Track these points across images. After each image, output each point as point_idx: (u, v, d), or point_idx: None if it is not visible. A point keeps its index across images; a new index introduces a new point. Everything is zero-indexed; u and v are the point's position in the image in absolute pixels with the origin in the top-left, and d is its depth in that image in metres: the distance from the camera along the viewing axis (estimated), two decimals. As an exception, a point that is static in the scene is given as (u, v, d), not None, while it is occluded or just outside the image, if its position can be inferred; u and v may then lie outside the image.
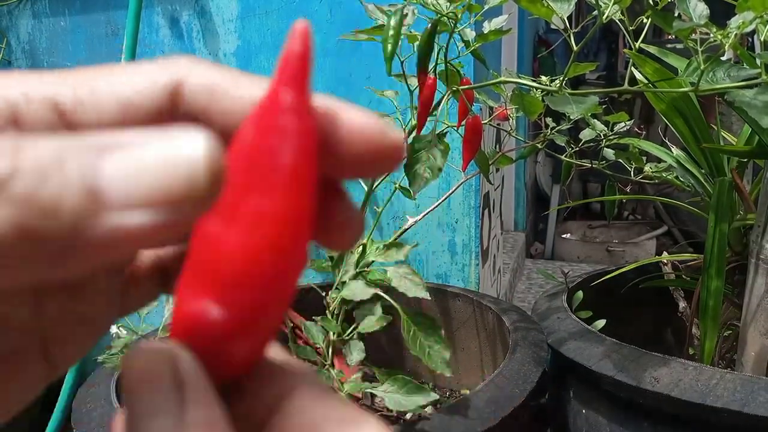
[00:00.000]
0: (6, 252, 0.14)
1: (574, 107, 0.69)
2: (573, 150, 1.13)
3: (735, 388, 0.77)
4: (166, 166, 0.15)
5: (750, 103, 0.67)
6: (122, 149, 0.15)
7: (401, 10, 0.75)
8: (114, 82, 0.20)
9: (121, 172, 0.15)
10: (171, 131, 0.16)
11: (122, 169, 0.15)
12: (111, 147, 0.15)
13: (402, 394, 0.81)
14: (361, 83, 1.44)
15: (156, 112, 0.20)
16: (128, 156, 0.15)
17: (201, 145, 0.15)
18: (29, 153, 0.14)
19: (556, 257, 3.04)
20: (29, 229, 0.14)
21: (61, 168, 0.14)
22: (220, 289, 0.18)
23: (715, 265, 0.96)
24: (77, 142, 0.15)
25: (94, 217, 0.14)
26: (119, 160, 0.15)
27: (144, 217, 0.15)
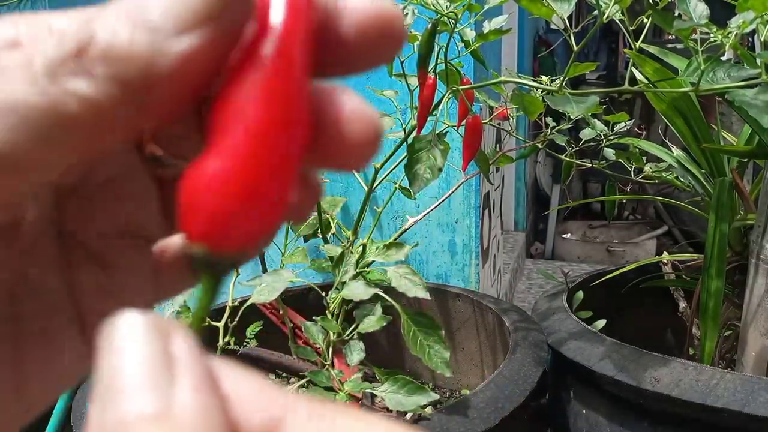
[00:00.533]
0: (109, 104, 0.16)
1: (575, 107, 0.69)
2: (573, 150, 1.13)
3: (735, 388, 0.77)
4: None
5: (750, 102, 0.67)
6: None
7: (401, 10, 0.75)
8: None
9: (165, 7, 0.16)
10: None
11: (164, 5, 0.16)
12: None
13: (402, 394, 0.81)
14: (361, 83, 1.44)
15: None
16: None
17: None
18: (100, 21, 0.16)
19: (557, 257, 3.04)
20: (118, 78, 0.16)
21: (126, 23, 0.16)
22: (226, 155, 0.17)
23: (716, 265, 0.96)
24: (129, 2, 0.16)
25: (161, 52, 0.16)
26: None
27: (195, 37, 0.16)
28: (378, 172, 0.90)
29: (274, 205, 0.18)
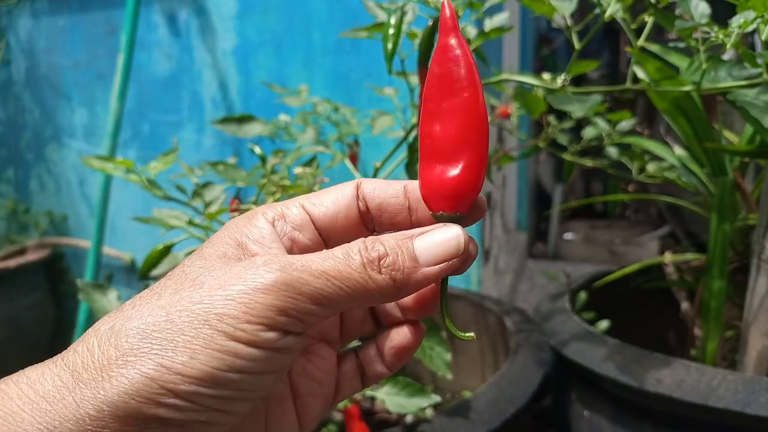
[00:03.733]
0: (383, 295, 0.31)
1: (577, 106, 0.68)
2: (575, 149, 1.12)
3: (737, 388, 0.77)
4: (448, 242, 0.32)
5: (752, 102, 0.67)
6: (421, 236, 0.32)
7: (401, 8, 0.74)
8: (326, 192, 0.35)
9: (424, 247, 0.32)
10: (443, 226, 0.32)
11: (425, 246, 0.32)
12: (413, 235, 0.32)
13: (403, 396, 0.80)
14: (361, 81, 1.43)
15: (351, 201, 0.35)
16: (425, 239, 0.32)
17: (460, 231, 0.32)
18: (386, 243, 0.31)
19: (559, 257, 3.04)
20: (394, 278, 0.31)
21: (400, 249, 0.31)
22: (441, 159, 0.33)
23: (718, 266, 0.96)
24: (399, 236, 0.32)
25: (415, 272, 0.31)
26: (422, 240, 0.32)
27: (437, 268, 0.32)
28: (378, 171, 0.89)
29: (476, 190, 0.34)
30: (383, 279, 0.30)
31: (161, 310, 0.28)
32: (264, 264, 0.29)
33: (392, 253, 0.31)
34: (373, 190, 0.35)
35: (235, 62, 1.57)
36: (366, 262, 0.30)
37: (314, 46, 1.47)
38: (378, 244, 0.31)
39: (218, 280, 0.29)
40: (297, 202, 0.34)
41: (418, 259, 0.31)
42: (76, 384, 0.27)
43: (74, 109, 1.84)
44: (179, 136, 1.67)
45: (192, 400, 0.27)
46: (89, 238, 1.57)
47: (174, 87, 1.66)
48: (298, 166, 0.90)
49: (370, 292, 0.30)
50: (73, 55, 1.80)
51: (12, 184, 2.02)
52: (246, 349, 0.28)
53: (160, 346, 0.27)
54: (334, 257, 0.30)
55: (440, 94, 0.33)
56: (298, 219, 0.34)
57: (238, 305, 0.28)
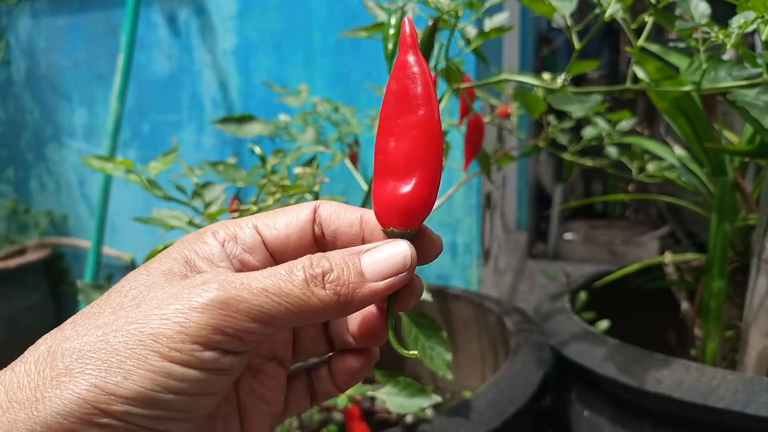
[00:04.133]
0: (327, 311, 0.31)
1: (577, 106, 0.68)
2: (575, 148, 1.12)
3: (737, 388, 0.77)
4: (394, 258, 0.32)
5: (752, 102, 0.67)
6: (368, 252, 0.32)
7: (401, 8, 0.74)
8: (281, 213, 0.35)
9: (371, 262, 0.32)
10: (390, 242, 0.33)
11: (371, 261, 0.32)
12: (361, 251, 0.32)
13: (404, 397, 0.80)
14: (360, 81, 1.43)
15: (306, 225, 0.34)
16: (373, 254, 0.32)
17: (407, 246, 0.32)
18: (332, 259, 0.31)
19: (559, 257, 3.04)
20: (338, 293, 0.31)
21: (345, 265, 0.31)
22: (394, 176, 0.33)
23: (718, 266, 0.96)
24: (346, 252, 0.32)
25: (361, 287, 0.31)
26: (369, 256, 0.32)
27: (384, 283, 0.32)
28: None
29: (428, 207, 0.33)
30: (326, 294, 0.30)
31: (98, 329, 0.28)
32: (203, 282, 0.29)
33: (337, 268, 0.31)
34: (329, 216, 0.34)
35: (235, 62, 1.57)
36: (309, 277, 0.30)
37: (314, 46, 1.47)
38: (323, 260, 0.31)
39: (156, 300, 0.29)
40: (250, 223, 0.34)
41: (364, 275, 0.31)
42: (10, 404, 0.27)
43: (74, 109, 1.84)
44: (179, 136, 1.67)
45: (125, 420, 0.27)
46: (89, 238, 1.57)
47: (174, 87, 1.66)
48: (298, 166, 0.90)
49: (313, 308, 0.30)
50: (73, 55, 1.80)
51: (12, 184, 2.02)
52: (180, 369, 0.28)
53: (94, 366, 0.27)
54: (276, 274, 0.30)
55: (396, 110, 0.33)
56: (249, 240, 0.34)
57: (172, 324, 0.28)
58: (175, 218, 0.82)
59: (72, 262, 1.99)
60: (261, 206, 0.81)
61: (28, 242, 1.93)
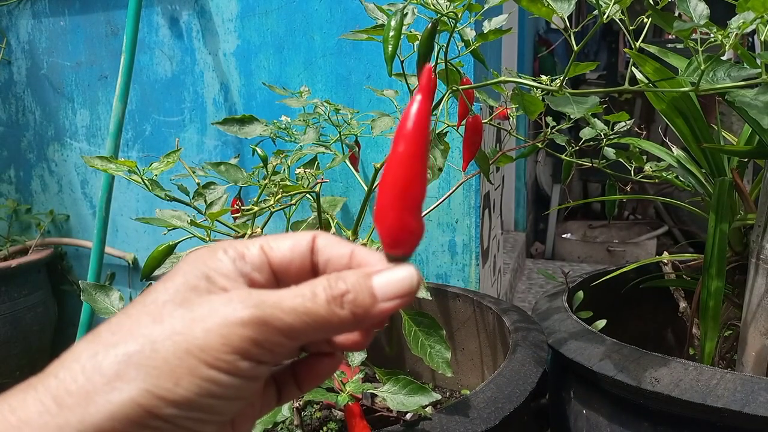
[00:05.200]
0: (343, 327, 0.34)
1: (575, 107, 0.69)
2: (573, 149, 1.13)
3: (735, 388, 0.77)
4: (403, 280, 0.35)
5: (750, 103, 0.67)
6: (379, 274, 0.35)
7: (401, 10, 0.75)
8: (284, 238, 0.37)
9: (382, 285, 0.34)
10: (400, 266, 0.35)
11: (382, 283, 0.35)
12: (373, 273, 0.35)
13: (404, 395, 0.81)
14: (361, 82, 1.44)
15: (306, 251, 0.37)
16: (384, 277, 0.35)
17: (414, 271, 0.35)
18: (348, 281, 0.34)
19: (557, 257, 3.04)
20: (354, 313, 0.34)
21: (360, 286, 0.34)
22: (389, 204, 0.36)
23: (716, 265, 0.96)
24: (358, 274, 0.35)
25: (374, 307, 0.34)
26: (379, 279, 0.35)
27: (392, 303, 0.34)
28: (378, 171, 0.90)
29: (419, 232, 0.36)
30: (345, 314, 0.34)
31: (143, 338, 0.31)
32: (240, 300, 0.32)
33: (353, 290, 0.34)
34: (324, 246, 0.37)
35: (236, 64, 1.58)
36: (330, 298, 0.33)
37: (315, 49, 1.48)
38: (340, 282, 0.34)
39: (196, 313, 0.32)
40: (257, 243, 0.37)
41: (376, 296, 0.34)
42: (59, 409, 0.30)
43: (76, 109, 1.84)
44: (181, 136, 1.68)
45: (171, 422, 0.30)
46: (91, 238, 1.58)
47: (176, 88, 1.67)
48: (299, 166, 0.91)
49: (333, 325, 0.34)
50: (75, 56, 1.81)
51: (14, 185, 2.03)
52: (224, 377, 0.31)
53: (147, 373, 0.30)
54: (302, 294, 0.33)
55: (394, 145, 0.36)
56: (257, 260, 0.36)
57: (217, 337, 0.31)
58: (177, 218, 0.83)
59: (74, 262, 1.99)
60: (262, 206, 0.82)
61: (30, 242, 1.94)
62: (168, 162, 0.81)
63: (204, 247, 0.37)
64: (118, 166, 0.80)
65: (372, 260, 0.37)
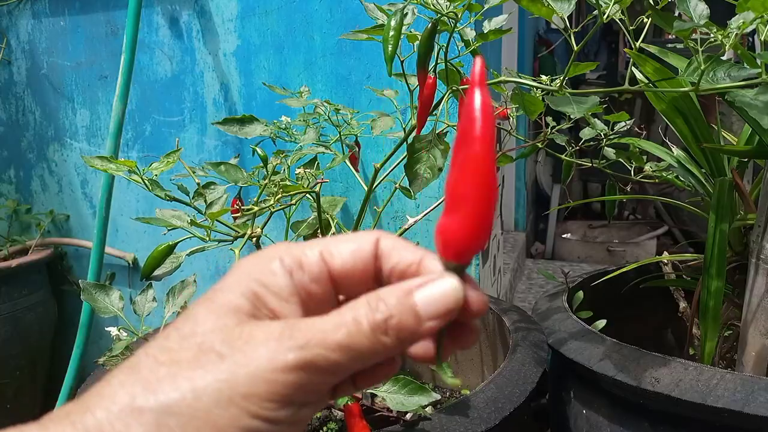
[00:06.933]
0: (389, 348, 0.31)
1: (575, 107, 0.69)
2: (573, 149, 1.13)
3: (735, 388, 0.77)
4: (447, 296, 0.32)
5: (750, 103, 0.67)
6: (420, 289, 0.32)
7: (401, 10, 0.75)
8: (346, 241, 0.35)
9: (425, 303, 0.32)
10: (443, 277, 0.33)
11: (425, 301, 0.32)
12: (412, 289, 0.32)
13: (403, 395, 0.81)
14: (361, 82, 1.44)
15: (370, 256, 0.34)
16: (426, 292, 0.32)
17: (456, 283, 0.33)
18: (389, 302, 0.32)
19: (557, 257, 3.04)
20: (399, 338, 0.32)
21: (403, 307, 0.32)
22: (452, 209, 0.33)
23: (716, 265, 0.96)
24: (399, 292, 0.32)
25: (419, 328, 0.32)
26: (421, 295, 0.32)
27: (437, 322, 0.32)
28: (378, 171, 0.90)
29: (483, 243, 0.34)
30: (390, 341, 0.31)
31: (186, 382, 0.30)
32: (283, 339, 0.30)
33: (397, 313, 0.31)
34: (390, 251, 0.35)
35: (236, 64, 1.58)
36: (374, 327, 0.31)
37: (315, 49, 1.48)
38: (381, 304, 0.31)
39: (239, 354, 0.30)
40: (316, 250, 0.34)
41: (420, 316, 0.32)
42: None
43: (76, 109, 1.84)
44: (181, 136, 1.68)
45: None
46: (91, 238, 1.58)
47: (176, 88, 1.67)
48: (299, 166, 0.91)
49: (379, 354, 0.31)
50: (75, 56, 1.81)
51: (14, 185, 2.03)
52: (266, 426, 0.29)
53: (188, 425, 0.29)
54: (345, 324, 0.31)
55: (457, 147, 0.33)
56: (316, 270, 0.34)
57: (261, 383, 0.29)
58: (177, 218, 0.83)
59: (74, 262, 1.99)
60: (262, 206, 0.82)
61: (30, 242, 1.94)
62: (168, 162, 0.81)
63: (256, 254, 0.34)
64: (118, 166, 0.80)
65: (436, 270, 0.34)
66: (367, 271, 0.34)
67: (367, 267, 0.34)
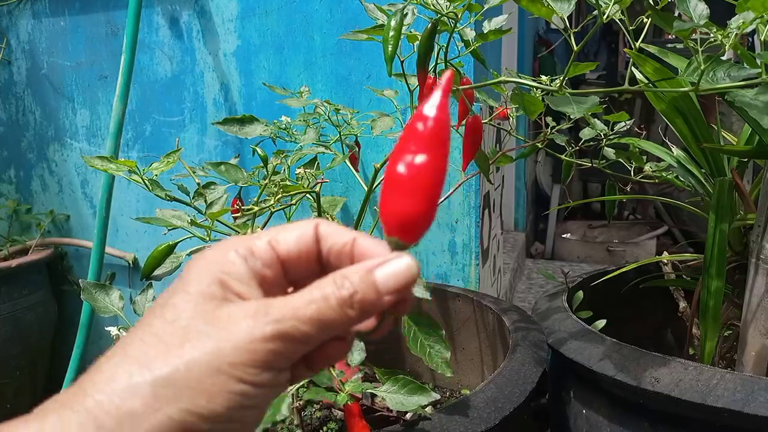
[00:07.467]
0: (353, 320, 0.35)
1: (575, 107, 0.69)
2: (573, 149, 1.13)
3: (735, 388, 0.77)
4: (404, 272, 0.36)
5: (750, 103, 0.67)
6: (380, 267, 0.36)
7: (401, 11, 0.75)
8: (290, 229, 0.38)
9: (384, 278, 0.35)
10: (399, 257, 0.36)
11: (385, 277, 0.35)
12: (374, 268, 0.36)
13: (403, 395, 0.81)
14: (361, 82, 1.44)
15: (311, 240, 0.38)
16: (385, 270, 0.36)
17: (410, 261, 0.36)
18: (353, 280, 0.35)
19: (557, 257, 3.04)
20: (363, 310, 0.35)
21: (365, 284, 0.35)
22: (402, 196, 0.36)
23: (716, 265, 0.96)
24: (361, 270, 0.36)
25: (379, 300, 0.35)
26: (381, 272, 0.35)
27: (395, 295, 0.36)
28: (378, 171, 0.90)
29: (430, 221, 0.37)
30: (354, 313, 0.35)
31: (176, 359, 0.33)
32: (261, 314, 0.34)
33: (360, 289, 0.35)
34: (327, 234, 0.38)
35: (236, 64, 1.58)
36: (341, 301, 0.35)
37: (315, 49, 1.48)
38: (346, 282, 0.35)
39: (223, 331, 0.34)
40: (264, 239, 0.38)
41: (380, 291, 0.35)
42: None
43: (76, 109, 1.85)
44: (181, 136, 1.68)
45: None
46: (91, 238, 1.58)
47: (176, 88, 1.67)
48: (299, 166, 0.91)
49: (345, 324, 0.35)
50: (75, 56, 1.81)
51: (14, 185, 2.03)
52: (252, 389, 0.33)
53: (183, 393, 0.32)
54: (315, 300, 0.35)
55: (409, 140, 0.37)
56: (266, 256, 0.37)
57: (245, 353, 0.33)
58: (177, 218, 0.83)
59: (74, 262, 1.99)
60: (262, 206, 0.82)
61: (30, 242, 1.94)
62: (168, 162, 0.81)
63: (213, 248, 0.38)
64: (119, 166, 0.80)
65: (373, 248, 0.37)
66: (310, 253, 0.38)
67: (310, 250, 0.38)
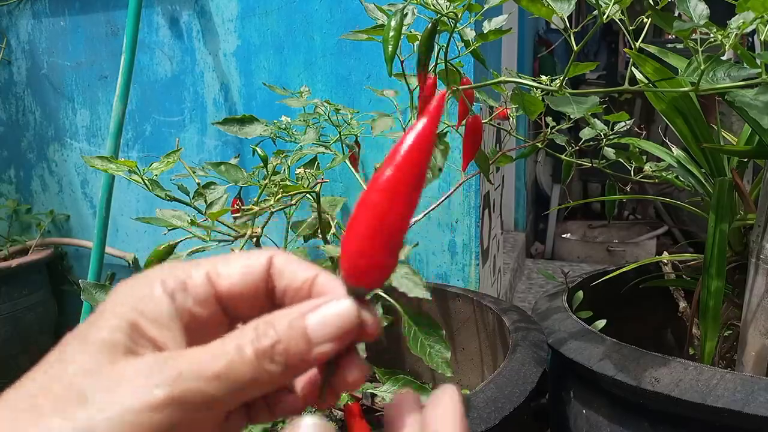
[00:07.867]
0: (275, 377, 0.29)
1: (575, 107, 0.69)
2: (573, 149, 1.13)
3: (735, 388, 0.77)
4: (340, 317, 0.30)
5: (750, 103, 0.67)
6: (314, 311, 0.30)
7: (401, 11, 0.75)
8: (235, 261, 0.33)
9: (317, 324, 0.30)
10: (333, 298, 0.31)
11: (317, 323, 0.30)
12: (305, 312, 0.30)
13: (402, 395, 0.81)
14: (361, 82, 1.44)
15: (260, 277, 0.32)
16: (319, 314, 0.30)
17: (350, 303, 0.31)
18: (278, 327, 0.29)
19: (557, 257, 3.04)
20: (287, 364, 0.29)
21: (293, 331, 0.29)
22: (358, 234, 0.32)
23: (716, 265, 0.96)
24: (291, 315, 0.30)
25: (309, 353, 0.29)
26: (314, 317, 0.30)
27: (330, 346, 0.30)
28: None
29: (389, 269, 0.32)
30: (276, 368, 0.29)
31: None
32: (152, 375, 0.27)
33: (285, 338, 0.29)
34: (283, 269, 0.33)
35: (236, 64, 1.58)
36: (259, 354, 0.29)
37: (315, 49, 1.48)
38: (269, 329, 0.29)
39: (105, 397, 0.27)
40: (202, 271, 0.32)
41: (311, 340, 0.29)
42: None
43: (76, 109, 1.85)
44: (181, 136, 1.68)
45: None
46: (91, 238, 1.58)
47: (176, 88, 1.67)
48: (299, 166, 0.91)
49: (263, 383, 0.29)
50: (75, 56, 1.81)
51: (14, 185, 2.03)
52: None
53: None
54: (225, 354, 0.28)
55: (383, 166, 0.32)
56: (201, 291, 0.31)
57: (126, 428, 0.26)
58: (177, 218, 0.83)
59: (74, 262, 1.99)
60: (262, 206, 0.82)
61: (30, 242, 1.94)
62: (168, 162, 0.81)
63: (137, 278, 0.32)
64: (119, 166, 0.80)
65: (333, 289, 0.32)
66: (258, 291, 0.32)
67: (258, 287, 0.32)
